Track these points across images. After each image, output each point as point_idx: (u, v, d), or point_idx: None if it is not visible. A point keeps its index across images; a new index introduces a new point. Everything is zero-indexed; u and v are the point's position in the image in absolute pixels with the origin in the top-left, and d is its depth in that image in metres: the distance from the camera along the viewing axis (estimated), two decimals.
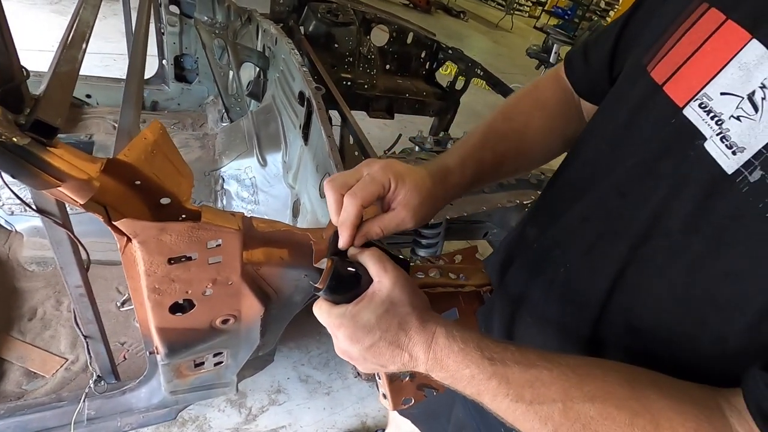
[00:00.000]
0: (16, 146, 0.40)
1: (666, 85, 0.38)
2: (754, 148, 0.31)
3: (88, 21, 0.67)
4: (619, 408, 0.31)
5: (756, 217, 0.30)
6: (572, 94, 0.56)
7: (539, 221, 0.53)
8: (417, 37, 1.97)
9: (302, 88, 1.04)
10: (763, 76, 0.32)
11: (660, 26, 0.41)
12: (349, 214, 0.42)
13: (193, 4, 1.65)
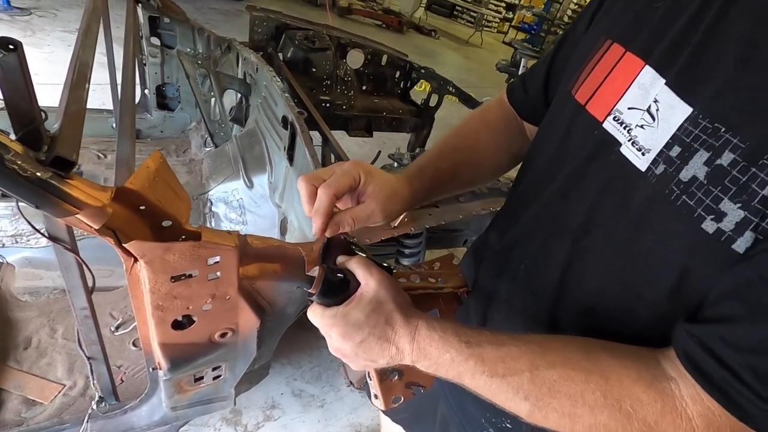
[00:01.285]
0: (40, 180, 0.45)
1: (588, 105, 0.46)
2: (657, 148, 0.39)
3: (88, 61, 0.72)
4: (576, 369, 0.37)
5: (663, 202, 0.37)
6: (516, 117, 0.64)
7: (501, 226, 0.61)
8: (391, 58, 2.07)
9: (285, 112, 1.10)
10: (655, 93, 0.40)
11: (578, 59, 0.50)
12: (322, 202, 0.47)
13: (173, 35, 1.71)
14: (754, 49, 0.35)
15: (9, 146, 0.44)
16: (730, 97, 0.35)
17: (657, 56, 0.41)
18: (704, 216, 0.35)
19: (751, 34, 0.35)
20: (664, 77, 0.40)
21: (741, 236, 0.33)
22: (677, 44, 0.40)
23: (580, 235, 0.45)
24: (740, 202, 0.33)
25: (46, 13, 3.81)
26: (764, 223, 0.32)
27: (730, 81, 0.35)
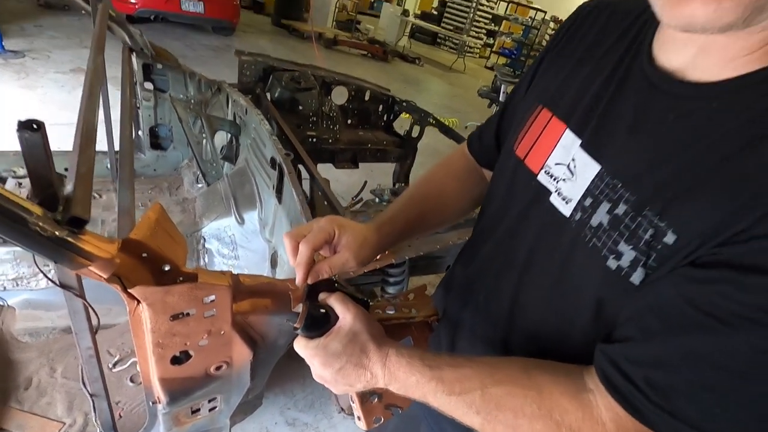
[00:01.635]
0: (58, 238, 0.52)
1: (526, 159, 0.55)
2: (576, 198, 0.47)
3: (93, 123, 0.80)
4: (517, 386, 0.44)
5: (581, 243, 0.45)
6: (476, 164, 0.73)
7: (464, 260, 0.69)
8: (373, 93, 2.19)
9: (274, 154, 1.19)
10: (574, 152, 0.49)
11: (519, 119, 0.59)
12: (303, 255, 0.55)
13: (166, 80, 1.80)
14: (639, 119, 0.44)
15: (31, 210, 0.51)
16: (624, 158, 0.44)
17: (575, 121, 0.50)
18: (608, 255, 0.43)
19: (638, 105, 0.44)
20: (580, 138, 0.49)
21: (635, 271, 0.41)
22: (591, 109, 0.49)
23: (523, 270, 0.53)
24: (632, 245, 0.41)
25: (39, 55, 3.92)
26: (650, 261, 0.40)
27: (623, 145, 0.44)
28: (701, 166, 0.38)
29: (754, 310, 0.33)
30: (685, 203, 0.38)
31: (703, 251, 0.36)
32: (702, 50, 0.40)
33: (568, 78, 0.54)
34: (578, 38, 0.55)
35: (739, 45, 0.37)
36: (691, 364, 0.36)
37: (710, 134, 0.38)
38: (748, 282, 0.33)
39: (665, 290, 0.38)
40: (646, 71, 0.45)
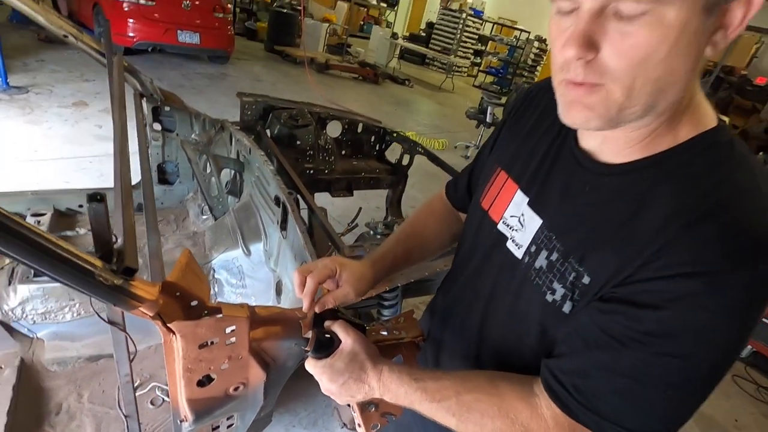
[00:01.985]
0: (117, 286, 0.65)
1: (489, 211, 0.69)
2: (525, 245, 0.61)
3: (128, 181, 0.93)
4: (483, 393, 0.57)
5: (528, 281, 0.59)
6: (452, 207, 0.88)
7: (444, 290, 0.82)
8: (366, 125, 2.35)
9: (278, 193, 1.32)
10: (523, 208, 0.63)
11: (485, 177, 0.74)
12: (309, 288, 0.69)
13: (173, 120, 1.95)
14: (567, 187, 0.58)
15: (95, 263, 0.64)
16: (557, 216, 0.58)
17: (524, 183, 0.65)
18: (546, 291, 0.56)
19: (567, 176, 0.59)
20: (528, 197, 0.63)
21: (565, 303, 0.54)
22: (535, 176, 0.63)
23: (488, 300, 0.67)
24: (562, 284, 0.54)
25: (42, 90, 4.07)
26: (575, 296, 0.53)
27: (557, 206, 0.58)
28: (606, 228, 0.52)
29: (639, 334, 0.46)
30: (595, 255, 0.52)
31: (606, 290, 0.50)
32: (603, 141, 0.55)
33: (520, 148, 0.68)
34: (527, 115, 0.70)
35: (624, 140, 0.52)
36: (601, 373, 0.50)
37: (612, 204, 0.53)
38: (631, 313, 0.47)
39: (584, 318, 0.52)
40: (573, 150, 0.59)
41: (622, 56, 0.42)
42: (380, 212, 3.21)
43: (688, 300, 0.43)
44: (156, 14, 5.47)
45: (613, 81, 0.44)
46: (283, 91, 6.28)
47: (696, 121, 0.50)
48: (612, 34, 0.42)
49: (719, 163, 0.47)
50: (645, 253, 0.46)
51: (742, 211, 0.44)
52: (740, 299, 0.43)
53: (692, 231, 0.44)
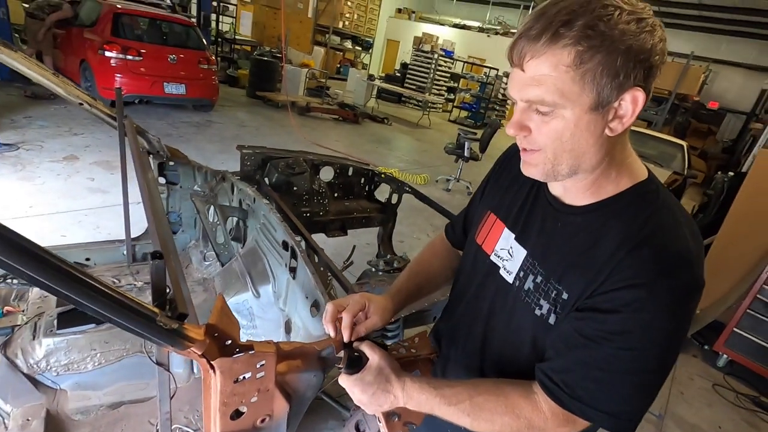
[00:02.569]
0: (174, 329, 0.77)
1: (482, 245, 0.85)
2: (514, 272, 0.77)
3: (169, 235, 1.05)
4: (492, 395, 0.70)
5: (519, 300, 0.74)
6: (451, 246, 1.04)
7: (446, 317, 0.96)
8: (356, 169, 2.52)
9: (286, 238, 1.46)
10: (511, 243, 0.79)
11: (477, 218, 0.90)
12: (346, 321, 0.81)
13: (177, 174, 2.08)
14: (543, 225, 0.74)
15: (156, 311, 0.76)
16: (538, 248, 0.74)
17: (510, 222, 0.81)
18: (535, 307, 0.71)
19: (543, 216, 0.75)
20: (514, 233, 0.79)
21: (550, 316, 0.69)
22: (519, 215, 0.80)
23: (488, 319, 0.81)
24: (547, 300, 0.70)
25: (32, 146, 4.15)
26: (557, 309, 0.68)
27: (537, 239, 0.75)
28: (574, 255, 0.68)
29: (605, 333, 0.62)
30: (569, 275, 0.68)
31: (580, 302, 0.66)
32: (565, 189, 0.72)
33: (504, 196, 0.86)
34: (506, 171, 0.88)
35: (577, 189, 0.70)
36: (580, 367, 0.64)
37: (578, 236, 0.69)
38: (598, 317, 0.63)
39: (565, 326, 0.68)
40: (546, 196, 0.77)
41: (544, 135, 0.63)
42: (371, 248, 3.34)
43: (635, 304, 0.60)
44: (143, 68, 5.69)
45: (543, 149, 0.64)
46: (268, 135, 6.50)
47: (631, 174, 0.69)
48: (536, 122, 0.63)
49: (649, 205, 0.66)
50: (604, 273, 0.63)
51: (665, 239, 0.62)
52: (670, 300, 0.59)
53: (633, 255, 0.61)
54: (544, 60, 0.57)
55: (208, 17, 7.71)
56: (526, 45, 0.58)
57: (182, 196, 2.14)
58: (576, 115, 0.60)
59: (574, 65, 0.56)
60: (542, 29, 0.56)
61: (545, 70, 0.57)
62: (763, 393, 2.87)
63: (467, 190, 5.96)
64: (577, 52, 0.55)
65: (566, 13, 0.55)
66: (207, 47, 6.57)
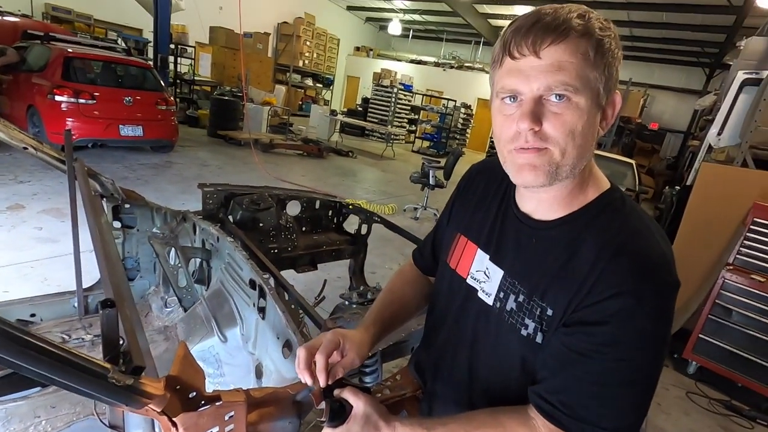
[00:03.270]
0: (129, 385, 0.69)
1: (456, 269, 0.83)
2: (493, 293, 0.75)
3: (125, 284, 0.97)
4: (487, 427, 0.66)
5: (503, 321, 0.72)
6: (421, 272, 1.02)
7: (425, 346, 0.93)
8: (323, 202, 2.49)
9: (252, 277, 1.39)
10: (486, 264, 0.78)
11: (447, 241, 0.89)
12: (320, 364, 0.74)
13: (134, 217, 1.98)
14: (518, 242, 0.73)
15: (107, 367, 0.68)
16: (515, 266, 0.73)
17: (482, 243, 0.80)
18: (520, 328, 0.69)
19: (516, 234, 0.75)
20: (488, 254, 0.78)
21: (537, 335, 0.68)
22: (490, 235, 0.79)
23: (472, 345, 0.79)
24: (531, 318, 0.68)
25: None
26: (544, 327, 0.67)
27: (513, 258, 0.74)
28: (554, 269, 0.67)
29: (596, 345, 0.61)
30: (551, 291, 0.67)
31: (566, 317, 0.64)
32: (538, 203, 0.72)
33: (472, 217, 0.85)
34: (471, 191, 0.88)
35: (550, 202, 0.70)
36: (577, 384, 0.62)
37: (553, 250, 0.69)
38: (587, 330, 0.61)
39: (554, 343, 0.66)
40: (515, 213, 0.76)
41: (558, 128, 0.61)
42: (343, 281, 3.27)
43: (622, 312, 0.59)
44: (96, 111, 5.51)
45: (553, 145, 0.62)
46: (231, 173, 6.39)
47: (596, 185, 0.70)
48: (548, 114, 0.61)
49: (618, 213, 0.67)
50: (587, 285, 0.62)
51: (640, 244, 0.62)
52: (656, 303, 0.60)
53: (613, 264, 0.61)
54: (565, 46, 0.58)
55: (165, 59, 7.65)
56: (542, 33, 0.59)
57: (140, 239, 2.03)
58: (588, 105, 0.60)
59: (593, 53, 0.59)
60: (560, 19, 0.59)
61: (566, 57, 0.58)
62: (733, 397, 2.95)
63: (434, 218, 6.03)
64: (596, 41, 0.59)
65: (577, 8, 0.59)
66: (165, 88, 6.49)
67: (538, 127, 0.61)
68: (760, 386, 2.82)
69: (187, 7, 9.62)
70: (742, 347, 2.84)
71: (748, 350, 2.82)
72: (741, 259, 2.89)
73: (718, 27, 10.61)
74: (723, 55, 11.75)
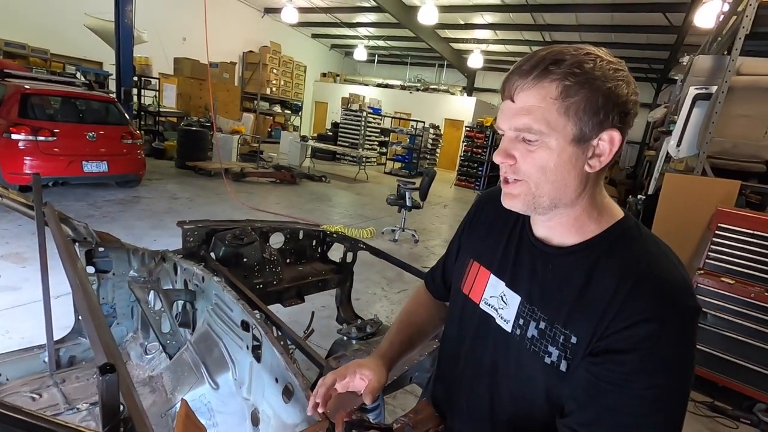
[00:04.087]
0: None
1: (470, 294, 0.83)
2: (511, 320, 0.74)
3: (113, 343, 0.90)
4: None
5: (524, 349, 0.71)
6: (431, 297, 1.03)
7: (441, 380, 0.91)
8: (306, 232, 2.45)
9: (245, 318, 1.33)
10: (501, 289, 0.77)
11: (460, 268, 0.89)
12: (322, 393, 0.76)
13: (109, 260, 1.87)
14: (534, 268, 0.73)
15: None
16: (533, 292, 0.73)
17: (496, 269, 0.80)
18: (543, 356, 0.69)
19: (531, 259, 0.75)
20: (503, 281, 0.78)
21: (561, 363, 0.67)
22: (504, 261, 0.79)
23: (492, 374, 0.77)
24: (555, 346, 0.67)
25: None
26: (568, 355, 0.66)
27: (530, 284, 0.73)
28: (572, 297, 0.67)
29: (625, 374, 0.60)
30: (573, 317, 0.66)
31: (593, 345, 0.64)
32: (549, 230, 0.73)
33: (484, 243, 0.85)
34: (483, 217, 0.88)
35: (560, 229, 0.71)
36: (608, 415, 0.61)
37: (571, 277, 0.69)
38: (615, 359, 0.61)
39: (582, 374, 0.65)
40: (530, 239, 0.77)
41: (529, 164, 0.65)
42: (326, 311, 3.20)
43: (651, 339, 0.60)
44: (57, 148, 5.29)
45: (527, 179, 0.66)
46: (203, 205, 6.22)
47: (610, 215, 0.72)
48: (522, 151, 0.66)
49: (634, 240, 0.68)
50: (611, 312, 0.63)
51: (661, 270, 0.64)
52: (682, 327, 0.61)
53: (636, 290, 0.62)
54: (534, 92, 0.63)
55: (129, 92, 7.47)
56: (517, 79, 0.64)
57: (116, 284, 1.92)
58: (560, 145, 0.63)
59: (561, 98, 0.62)
60: (533, 65, 0.62)
61: (534, 101, 0.63)
62: (716, 398, 3.04)
63: (413, 239, 6.05)
64: (564, 87, 0.61)
65: (555, 54, 0.62)
66: (130, 121, 6.32)
67: (511, 162, 0.67)
68: (739, 386, 2.92)
69: (149, 39, 9.53)
70: (720, 349, 2.94)
71: (726, 351, 2.93)
72: (711, 264, 3.03)
73: (661, 45, 11.43)
74: (668, 71, 12.60)
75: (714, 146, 3.26)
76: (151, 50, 10.37)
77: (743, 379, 2.90)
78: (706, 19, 6.53)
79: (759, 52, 4.05)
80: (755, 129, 3.17)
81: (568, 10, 10.31)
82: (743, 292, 2.87)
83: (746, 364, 2.88)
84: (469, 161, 11.93)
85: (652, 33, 10.73)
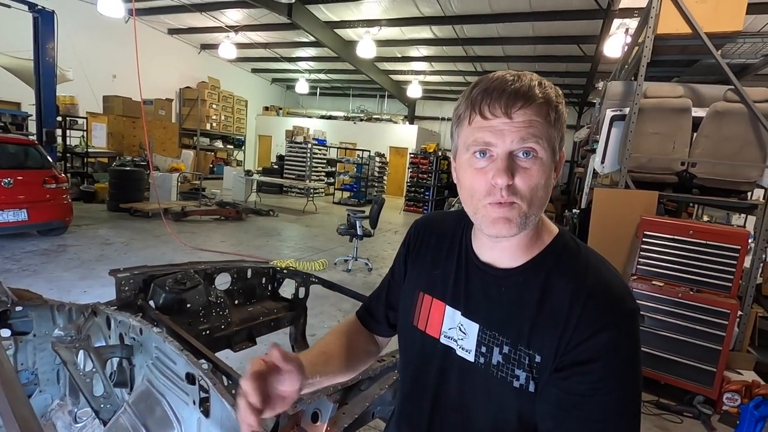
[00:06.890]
0: None
1: (426, 330, 0.81)
2: (472, 349, 0.73)
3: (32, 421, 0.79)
4: None
5: (490, 377, 0.70)
6: (365, 330, 0.99)
7: (406, 419, 0.87)
8: (255, 270, 2.36)
9: (190, 370, 1.23)
10: (458, 319, 0.76)
11: (408, 302, 0.86)
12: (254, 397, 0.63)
13: (28, 320, 1.68)
14: (486, 293, 0.74)
15: None
16: (490, 317, 0.73)
17: (449, 299, 0.79)
18: (512, 380, 0.68)
19: (482, 284, 0.75)
20: (458, 310, 0.77)
21: (529, 384, 0.67)
22: (456, 289, 0.78)
23: (462, 408, 0.75)
24: (521, 368, 0.67)
25: None
26: (534, 375, 0.66)
27: (486, 309, 0.73)
28: (530, 315, 0.68)
29: (593, 383, 0.62)
30: (535, 337, 0.67)
31: (558, 361, 0.65)
32: (501, 252, 0.74)
33: (431, 273, 0.84)
34: (424, 246, 0.88)
35: (512, 250, 0.72)
36: (584, 426, 0.62)
37: (524, 297, 0.70)
38: (582, 370, 0.62)
39: (552, 391, 0.65)
40: (477, 263, 0.77)
41: (525, 182, 0.65)
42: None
43: (610, 345, 0.62)
44: None
45: (520, 199, 0.65)
46: (140, 249, 5.82)
47: (549, 230, 0.75)
48: (519, 168, 0.65)
49: (575, 254, 0.72)
50: (570, 327, 0.64)
51: (605, 281, 0.68)
52: (633, 327, 0.65)
53: (590, 302, 0.65)
54: (535, 108, 0.65)
55: (52, 133, 6.96)
56: (513, 97, 0.65)
57: (37, 346, 1.71)
58: (549, 161, 0.67)
59: (552, 116, 0.66)
60: (526, 86, 0.65)
61: (534, 117, 0.65)
62: (661, 395, 3.22)
63: (367, 267, 6.01)
64: (554, 106, 0.66)
65: (534, 77, 0.67)
66: (54, 164, 5.85)
67: (511, 182, 0.65)
68: (678, 381, 3.12)
69: (75, 76, 9.01)
70: (659, 348, 3.15)
71: (664, 350, 3.14)
72: (642, 269, 3.28)
73: (579, 73, 12.62)
74: (587, 95, 13.89)
75: (632, 161, 3.58)
76: (78, 88, 9.80)
77: (681, 375, 3.11)
78: (613, 50, 7.34)
79: (661, 77, 4.58)
80: (665, 144, 3.54)
81: (496, 43, 11.14)
82: (672, 292, 3.12)
83: (683, 360, 3.09)
84: (416, 187, 12.20)
85: (570, 62, 11.84)
